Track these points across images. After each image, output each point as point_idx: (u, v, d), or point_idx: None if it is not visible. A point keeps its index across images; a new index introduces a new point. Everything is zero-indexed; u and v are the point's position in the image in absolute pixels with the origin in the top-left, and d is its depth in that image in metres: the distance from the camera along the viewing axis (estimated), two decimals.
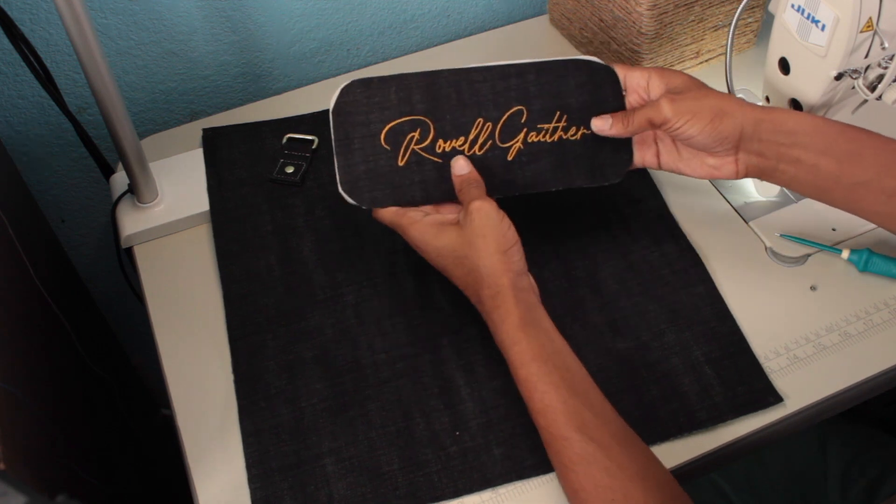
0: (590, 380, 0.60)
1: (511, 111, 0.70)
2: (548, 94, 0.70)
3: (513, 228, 0.63)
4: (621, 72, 0.70)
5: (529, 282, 0.64)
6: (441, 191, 0.68)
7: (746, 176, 0.67)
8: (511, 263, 0.62)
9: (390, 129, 0.68)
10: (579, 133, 0.70)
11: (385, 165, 0.68)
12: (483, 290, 0.62)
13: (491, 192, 0.67)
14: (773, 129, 0.64)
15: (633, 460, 0.55)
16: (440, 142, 0.69)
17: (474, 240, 0.62)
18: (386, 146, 0.68)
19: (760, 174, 0.67)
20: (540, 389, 0.58)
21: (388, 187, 0.68)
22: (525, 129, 0.70)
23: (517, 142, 0.69)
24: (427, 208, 0.68)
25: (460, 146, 0.69)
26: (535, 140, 0.70)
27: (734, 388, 0.66)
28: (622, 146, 0.71)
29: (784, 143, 0.64)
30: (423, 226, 0.65)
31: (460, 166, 0.68)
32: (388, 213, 0.67)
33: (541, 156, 0.70)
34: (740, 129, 0.64)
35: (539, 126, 0.70)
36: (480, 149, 0.69)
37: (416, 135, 0.68)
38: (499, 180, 0.69)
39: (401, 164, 0.68)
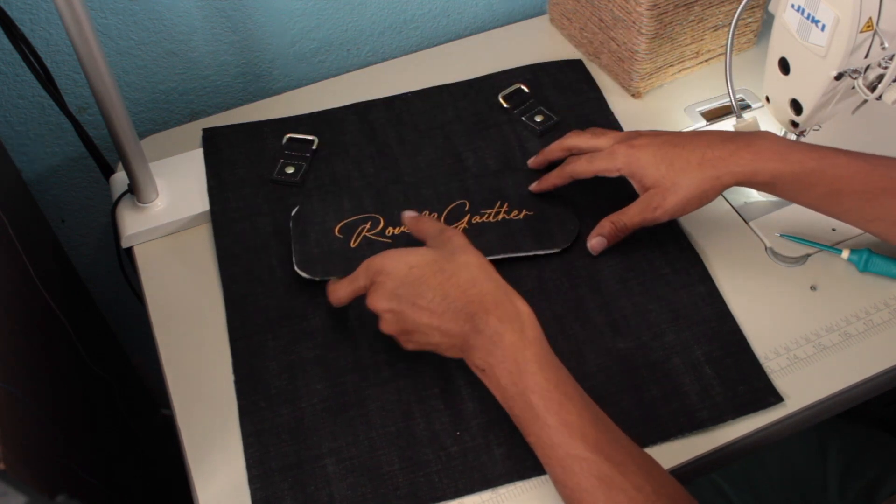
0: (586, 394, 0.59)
1: (454, 204, 0.77)
2: (487, 190, 0.78)
3: None
4: (588, 173, 0.73)
5: None
6: None
7: None
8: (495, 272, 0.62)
9: (343, 224, 0.76)
10: (522, 214, 0.76)
11: (338, 248, 0.74)
12: (471, 288, 0.59)
13: None
14: (752, 182, 0.68)
15: (647, 478, 0.54)
16: (389, 228, 0.76)
17: (457, 250, 0.61)
18: (339, 235, 0.75)
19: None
20: (555, 400, 0.56)
21: (341, 262, 0.73)
22: (469, 215, 0.77)
23: (462, 223, 0.76)
24: None
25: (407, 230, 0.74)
26: (479, 221, 0.76)
27: (734, 388, 0.66)
28: (567, 220, 0.76)
29: (763, 188, 0.69)
30: (391, 251, 0.63)
31: (411, 213, 0.70)
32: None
33: (486, 232, 0.75)
34: (722, 189, 0.68)
35: (482, 211, 0.77)
36: None
37: (367, 226, 0.76)
38: None
39: (353, 245, 0.75)
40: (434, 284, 0.59)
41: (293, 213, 0.77)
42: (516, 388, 0.57)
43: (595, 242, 0.73)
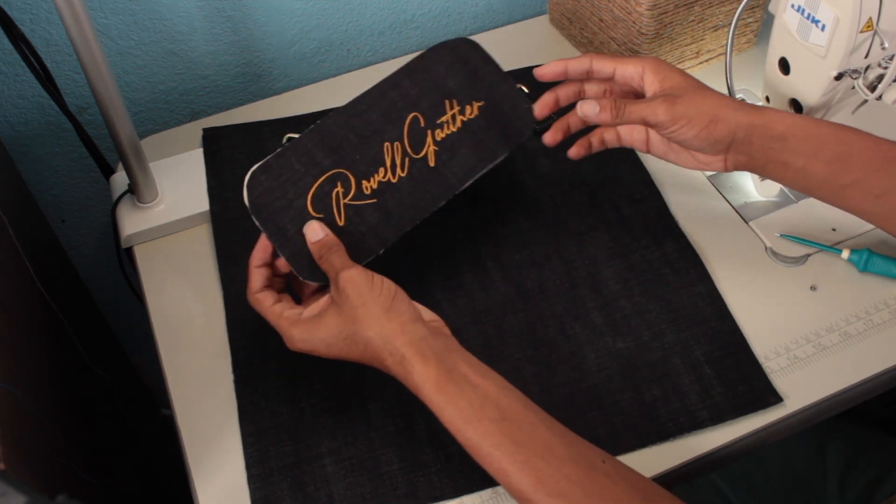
0: (528, 412, 0.56)
1: (408, 121, 0.70)
2: (428, 89, 0.71)
3: (387, 281, 0.60)
4: (611, 64, 0.68)
5: (428, 322, 0.60)
6: (394, 225, 0.67)
7: (734, 170, 0.68)
8: (401, 318, 0.58)
9: (313, 195, 0.66)
10: (475, 108, 0.71)
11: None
12: (386, 359, 0.57)
13: (434, 203, 0.68)
14: (765, 134, 0.64)
15: (599, 498, 0.52)
16: (364, 182, 0.68)
17: (355, 312, 0.59)
18: (318, 214, 0.66)
19: (748, 170, 0.67)
20: (484, 453, 0.54)
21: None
22: (429, 131, 0.70)
23: (429, 146, 0.70)
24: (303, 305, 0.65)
25: (384, 178, 0.68)
26: (443, 136, 0.70)
27: (734, 388, 0.66)
28: (519, 99, 0.72)
29: (774, 147, 0.64)
30: (303, 324, 0.61)
31: (314, 231, 0.64)
32: (269, 314, 0.63)
33: (456, 146, 0.70)
34: (733, 134, 0.64)
35: (438, 122, 0.71)
36: (403, 169, 0.69)
37: (340, 188, 0.67)
38: (434, 189, 0.69)
39: (341, 224, 0.66)
40: (349, 351, 0.59)
41: (248, 204, 0.65)
42: (455, 439, 0.56)
43: (586, 105, 0.66)
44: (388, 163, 0.68)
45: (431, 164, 0.69)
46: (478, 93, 0.72)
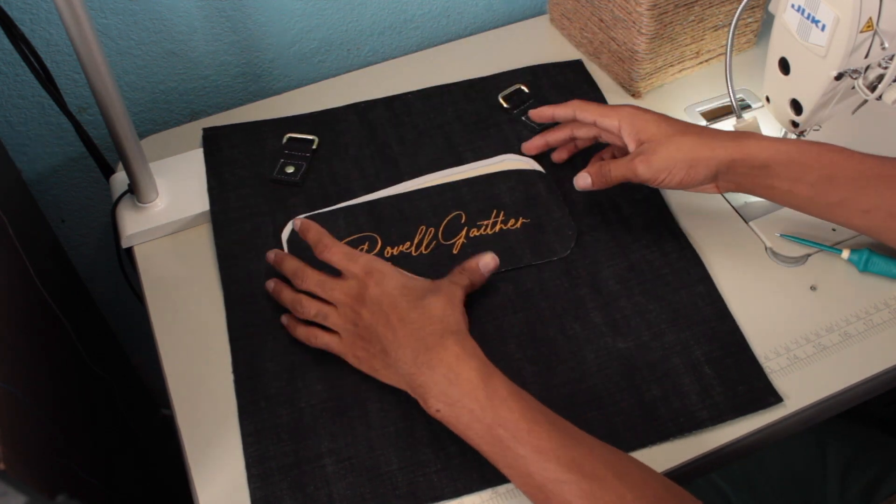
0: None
1: (450, 216, 0.77)
2: (482, 199, 0.78)
3: None
4: (592, 115, 0.73)
5: None
6: None
7: (727, 192, 0.72)
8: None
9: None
10: (519, 222, 0.76)
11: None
12: (439, 323, 0.61)
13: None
14: (747, 164, 0.67)
15: (630, 487, 0.53)
16: (388, 248, 0.75)
17: (432, 282, 0.65)
18: None
19: (739, 192, 0.71)
20: (524, 428, 0.56)
21: None
22: (466, 228, 0.76)
23: (460, 238, 0.76)
24: None
25: (406, 249, 0.75)
26: (477, 234, 0.75)
27: (734, 388, 0.66)
28: (565, 225, 0.76)
29: (758, 174, 0.67)
30: (394, 267, 0.66)
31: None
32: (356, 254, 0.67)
33: (485, 245, 0.75)
34: (714, 171, 0.68)
35: (479, 223, 0.77)
36: (426, 248, 0.75)
37: (365, 246, 0.75)
38: (446, 270, 0.71)
39: None
40: (415, 316, 0.62)
41: (286, 235, 0.76)
42: (481, 424, 0.57)
43: (580, 178, 0.73)
44: (416, 240, 0.75)
45: (455, 251, 0.74)
46: (528, 212, 0.77)
